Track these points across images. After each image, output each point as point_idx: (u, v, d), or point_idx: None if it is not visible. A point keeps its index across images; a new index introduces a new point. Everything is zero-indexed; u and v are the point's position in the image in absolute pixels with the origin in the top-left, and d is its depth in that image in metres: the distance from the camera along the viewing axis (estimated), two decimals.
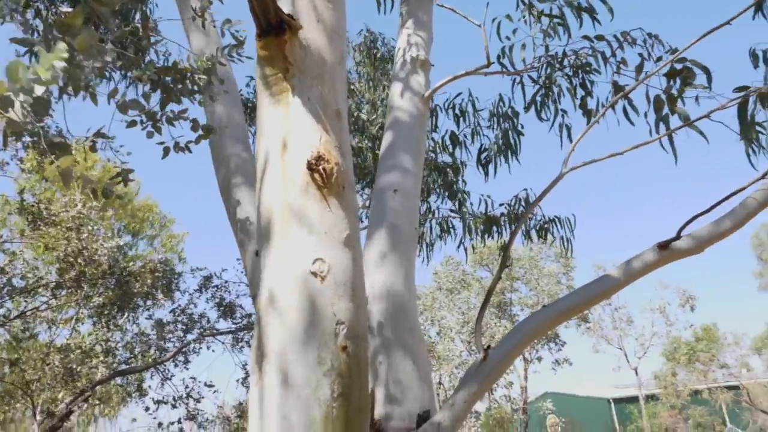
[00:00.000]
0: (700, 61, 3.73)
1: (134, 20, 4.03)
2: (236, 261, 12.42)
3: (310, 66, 2.24)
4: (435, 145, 7.25)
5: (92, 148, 2.61)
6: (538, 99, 5.19)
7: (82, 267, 10.12)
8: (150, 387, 12.26)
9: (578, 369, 61.81)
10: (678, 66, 3.75)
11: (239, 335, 11.43)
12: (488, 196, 6.56)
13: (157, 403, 11.49)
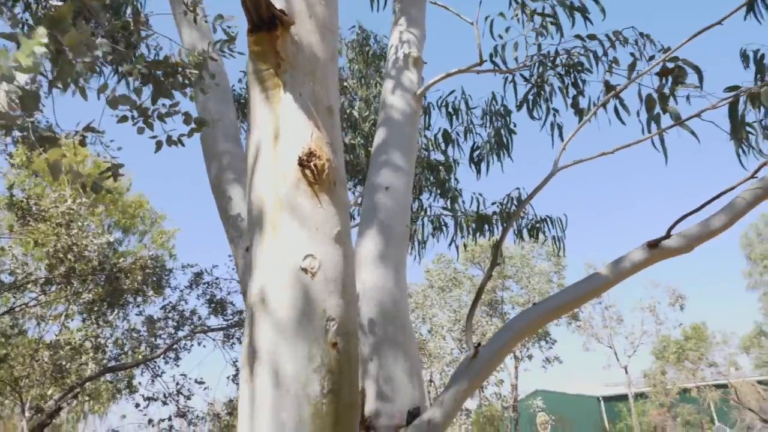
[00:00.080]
0: (692, 60, 3.76)
1: (125, 15, 3.99)
2: (228, 258, 12.40)
3: (302, 62, 2.23)
4: (428, 143, 7.25)
5: (82, 143, 2.59)
6: (530, 98, 5.20)
7: (71, 263, 10.06)
8: (140, 384, 12.21)
9: (568, 367, 62.13)
10: (670, 65, 3.77)
11: (230, 332, 11.40)
12: (480, 194, 6.58)
13: (147, 399, 11.45)
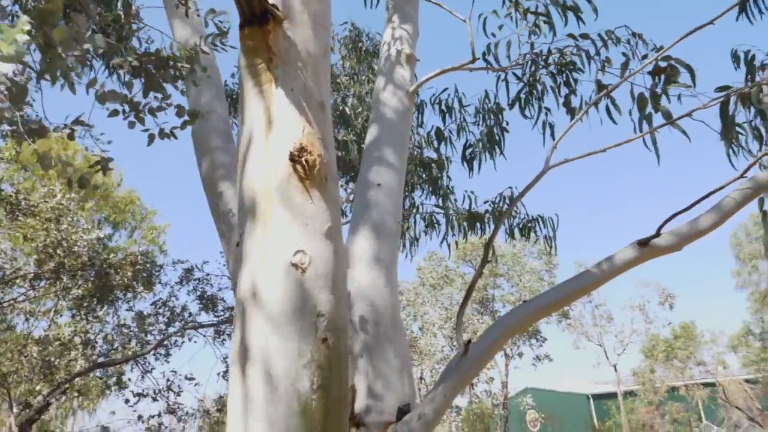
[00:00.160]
0: (684, 60, 3.77)
1: (116, 8, 3.96)
2: (219, 254, 12.35)
3: (294, 57, 2.22)
4: (421, 140, 7.25)
5: (70, 136, 2.57)
6: (523, 96, 5.21)
7: (61, 258, 9.98)
8: (130, 380, 12.15)
9: (558, 365, 62.46)
10: (662, 64, 3.78)
11: (221, 328, 11.36)
12: (472, 192, 6.58)
13: (137, 396, 11.40)
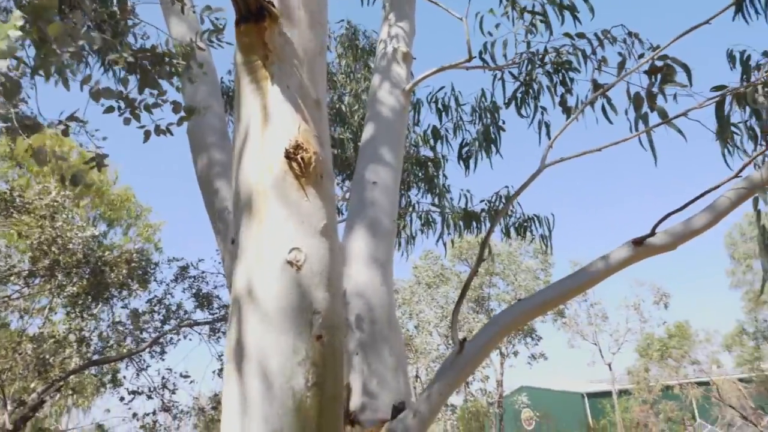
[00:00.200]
0: (681, 59, 3.77)
1: (112, 4, 3.94)
2: (215, 252, 12.32)
3: (289, 54, 2.21)
4: (417, 139, 7.25)
5: (65, 132, 2.55)
6: (519, 95, 5.21)
7: (56, 255, 9.94)
8: (125, 377, 12.12)
9: (553, 364, 62.53)
10: (659, 63, 3.78)
11: (216, 326, 11.34)
12: (468, 190, 6.58)
13: (132, 393, 11.37)
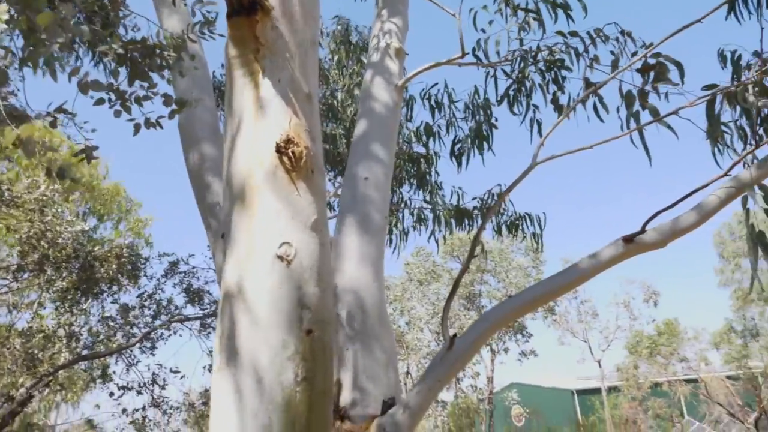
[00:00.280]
0: (674, 57, 3.78)
1: None
2: (207, 248, 12.27)
3: (281, 48, 2.20)
4: (410, 135, 7.25)
5: (53, 124, 2.53)
6: (511, 93, 5.22)
7: (45, 250, 9.86)
8: (115, 373, 12.06)
9: (544, 360, 62.99)
10: (651, 61, 3.79)
11: (207, 321, 11.31)
12: (460, 188, 6.61)
13: (122, 389, 11.32)
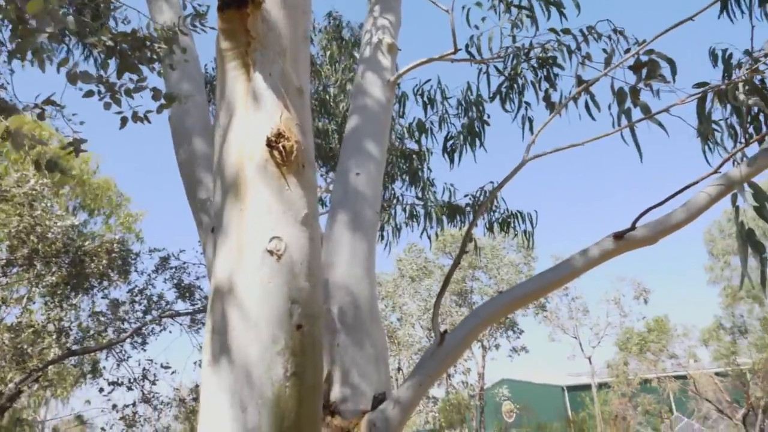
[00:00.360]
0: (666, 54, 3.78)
1: None
2: (197, 243, 12.22)
3: (272, 41, 2.19)
4: (402, 131, 7.25)
5: (41, 116, 2.50)
6: (503, 90, 5.22)
7: (34, 244, 9.79)
8: (105, 368, 11.99)
9: (534, 357, 63.20)
10: (644, 59, 3.80)
11: (197, 317, 11.27)
12: (452, 184, 6.63)
13: (112, 384, 11.26)
